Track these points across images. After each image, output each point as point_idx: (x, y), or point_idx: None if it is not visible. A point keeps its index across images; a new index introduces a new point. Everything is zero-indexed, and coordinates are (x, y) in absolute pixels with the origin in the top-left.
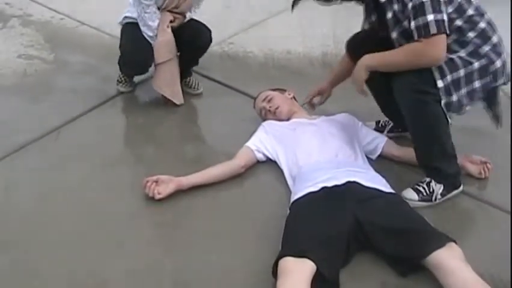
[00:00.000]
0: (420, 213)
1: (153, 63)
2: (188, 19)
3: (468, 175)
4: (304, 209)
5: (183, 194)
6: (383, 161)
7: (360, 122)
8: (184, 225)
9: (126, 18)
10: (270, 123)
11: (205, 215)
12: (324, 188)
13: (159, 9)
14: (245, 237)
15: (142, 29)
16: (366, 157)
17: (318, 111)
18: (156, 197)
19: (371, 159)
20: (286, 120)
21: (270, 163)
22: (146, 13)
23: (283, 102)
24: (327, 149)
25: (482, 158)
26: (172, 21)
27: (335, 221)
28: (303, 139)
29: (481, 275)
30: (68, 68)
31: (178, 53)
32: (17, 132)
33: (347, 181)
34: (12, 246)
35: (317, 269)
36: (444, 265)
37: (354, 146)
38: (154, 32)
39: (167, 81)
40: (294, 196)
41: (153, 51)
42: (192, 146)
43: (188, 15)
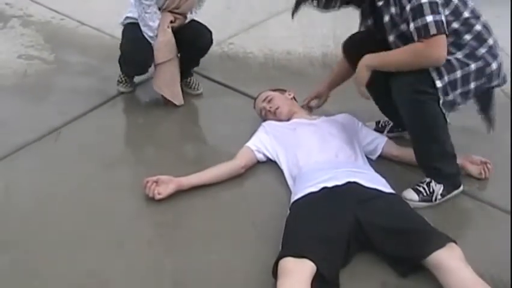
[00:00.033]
0: (420, 213)
1: (153, 64)
2: (189, 20)
3: (468, 175)
4: (304, 210)
5: (183, 194)
6: (383, 161)
7: (360, 123)
8: (184, 225)
9: (127, 18)
10: (270, 124)
11: (205, 215)
12: (325, 189)
13: (160, 10)
14: (245, 238)
15: (143, 29)
16: (366, 157)
17: (318, 111)
18: (156, 197)
19: (371, 160)
20: (287, 120)
21: (270, 163)
22: (147, 13)
23: (284, 103)
24: (327, 149)
25: (482, 158)
26: (172, 22)
27: (335, 222)
28: (303, 139)
29: (481, 275)
30: (69, 69)
31: (179, 53)
32: (17, 132)
33: (347, 181)
34: (13, 246)
35: (317, 269)
36: (444, 265)
37: (354, 146)
38: (155, 32)
39: (167, 82)
40: (294, 196)
41: (153, 51)
42: (192, 146)
43: (189, 16)
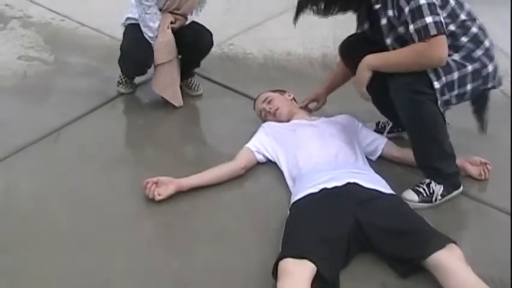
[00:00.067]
0: (420, 214)
1: (153, 64)
2: (190, 21)
3: (468, 176)
4: (304, 210)
5: (183, 195)
6: (383, 162)
7: (360, 123)
8: (184, 226)
9: (128, 19)
10: (270, 125)
11: (205, 216)
12: (324, 189)
13: (160, 11)
14: (245, 238)
15: (143, 29)
16: (366, 158)
17: (318, 112)
18: (156, 198)
19: (371, 161)
20: (287, 121)
21: (270, 164)
22: (147, 14)
23: (283, 104)
24: (327, 150)
25: (482, 159)
26: (173, 23)
27: (335, 222)
28: (303, 140)
29: (481, 276)
30: (69, 70)
31: (180, 55)
32: (17, 133)
33: (347, 182)
34: (13, 247)
35: (317, 270)
36: (444, 266)
37: (354, 147)
38: (155, 33)
39: (166, 83)
40: (294, 197)
41: (153, 52)
42: (192, 147)
43: (190, 18)
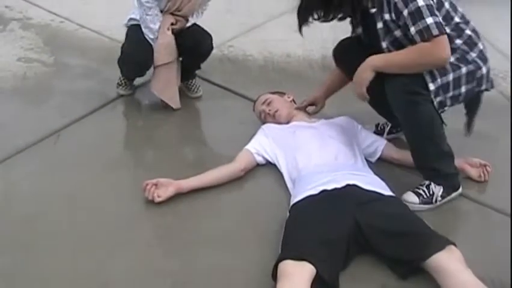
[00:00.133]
0: (420, 216)
1: (153, 66)
2: (191, 24)
3: (467, 178)
4: (304, 212)
5: (183, 196)
6: (382, 164)
7: (359, 125)
8: (184, 228)
9: (131, 20)
10: (269, 126)
11: (205, 217)
12: (324, 191)
13: (161, 12)
14: (245, 240)
15: (144, 31)
16: (366, 160)
17: (318, 114)
18: (156, 200)
19: (370, 162)
20: (286, 123)
21: (269, 166)
22: (148, 15)
23: (283, 106)
24: (326, 152)
25: (481, 161)
26: (173, 24)
27: (335, 224)
28: (303, 142)
29: (481, 278)
30: (68, 71)
31: (180, 58)
32: (16, 135)
33: (346, 184)
34: (13, 248)
35: (317, 272)
36: (444, 268)
37: (354, 149)
38: (155, 35)
39: (165, 85)
40: (294, 199)
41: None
42: (192, 149)
43: (191, 20)
